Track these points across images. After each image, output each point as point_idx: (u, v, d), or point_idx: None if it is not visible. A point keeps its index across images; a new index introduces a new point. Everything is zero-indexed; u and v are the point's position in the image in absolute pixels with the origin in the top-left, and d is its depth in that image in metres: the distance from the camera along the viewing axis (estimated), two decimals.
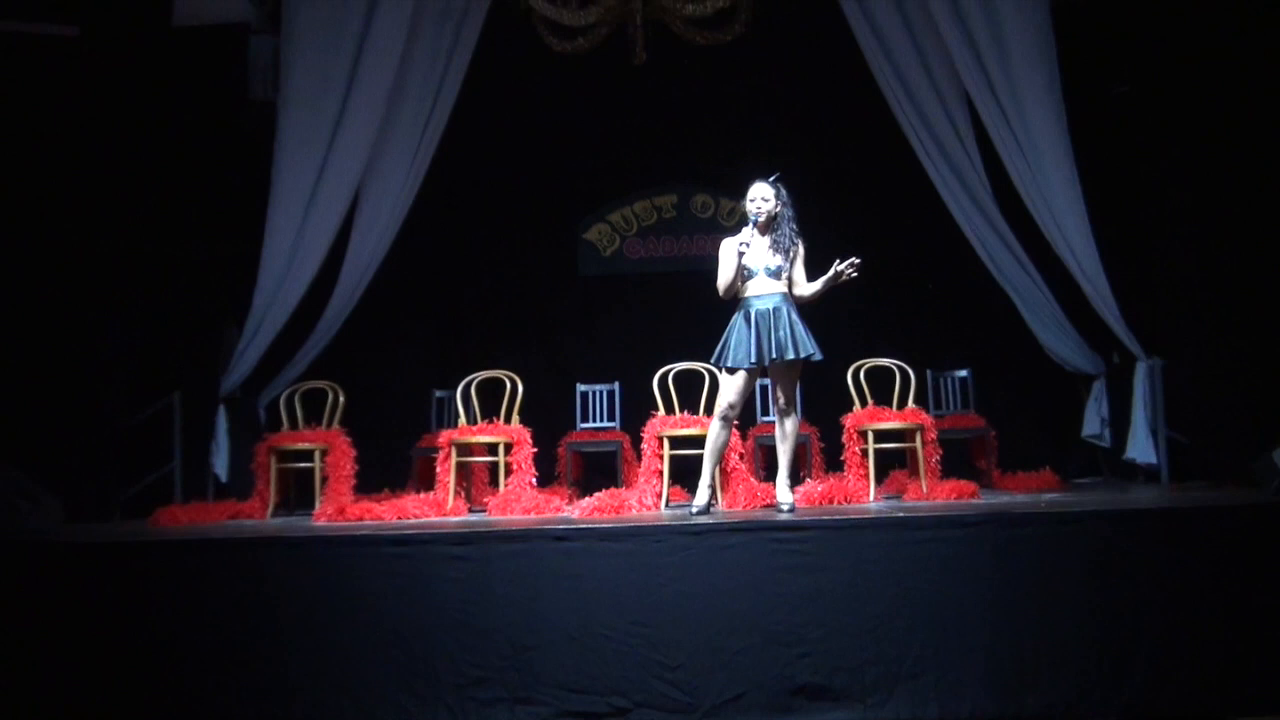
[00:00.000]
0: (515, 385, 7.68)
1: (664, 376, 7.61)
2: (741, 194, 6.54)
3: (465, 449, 7.58)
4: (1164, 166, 8.28)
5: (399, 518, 6.94)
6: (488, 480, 7.96)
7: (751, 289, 6.39)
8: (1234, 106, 7.76)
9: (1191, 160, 8.03)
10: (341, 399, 7.87)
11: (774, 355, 6.23)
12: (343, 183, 8.33)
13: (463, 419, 7.64)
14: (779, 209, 6.40)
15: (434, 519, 6.99)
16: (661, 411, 7.46)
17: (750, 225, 6.35)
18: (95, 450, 7.91)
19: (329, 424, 7.78)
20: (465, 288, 9.82)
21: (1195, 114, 7.98)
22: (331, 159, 8.25)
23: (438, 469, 7.49)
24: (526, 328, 9.68)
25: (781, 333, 6.24)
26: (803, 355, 6.25)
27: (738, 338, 6.32)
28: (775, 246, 6.37)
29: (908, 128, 8.64)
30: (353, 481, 7.52)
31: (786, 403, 6.46)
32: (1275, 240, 7.56)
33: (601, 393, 8.57)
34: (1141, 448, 8.06)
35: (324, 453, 7.54)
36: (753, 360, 6.26)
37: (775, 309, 6.29)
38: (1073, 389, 8.82)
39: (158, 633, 5.50)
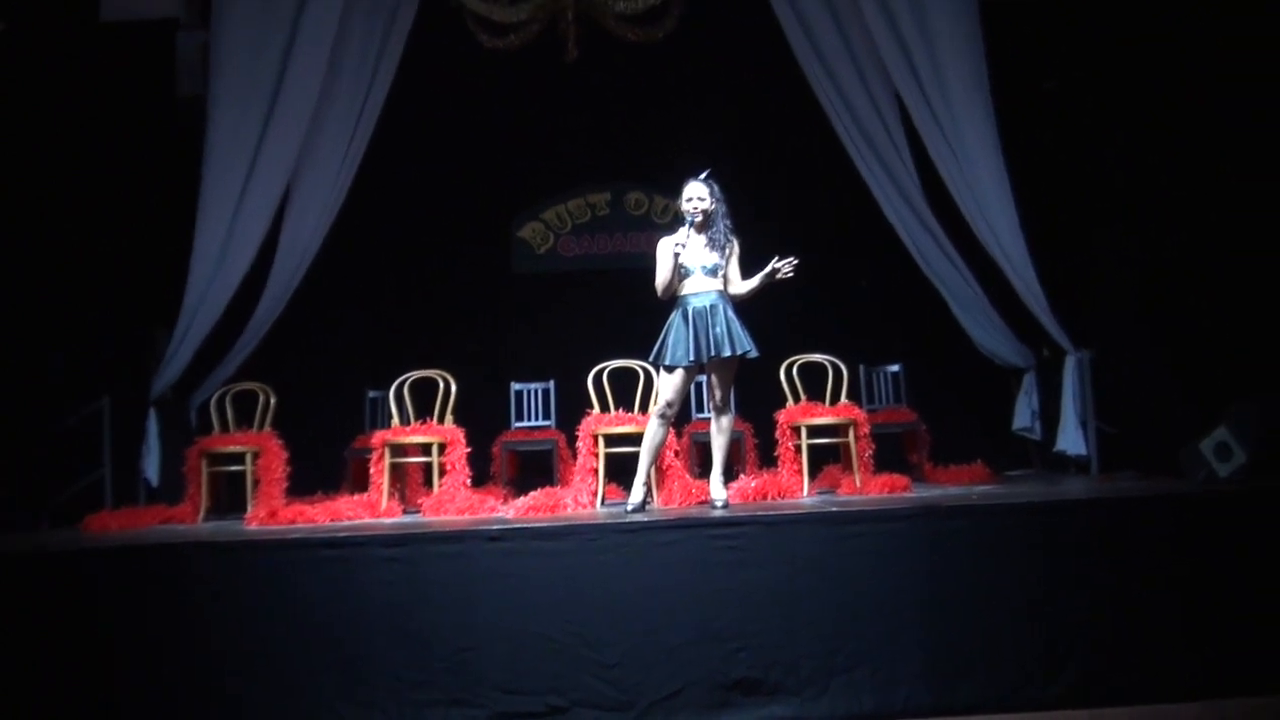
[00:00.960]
0: (449, 385, 7.65)
1: (599, 375, 7.60)
2: (676, 191, 6.57)
3: (399, 450, 7.53)
4: (1091, 161, 8.38)
5: (332, 520, 6.89)
6: (422, 481, 7.92)
7: (689, 287, 6.42)
8: (1161, 100, 7.85)
9: (1118, 154, 8.12)
10: (273, 400, 7.80)
11: (712, 352, 6.26)
12: (273, 180, 8.24)
13: (396, 419, 7.61)
14: (714, 206, 6.43)
15: (368, 521, 6.94)
16: (597, 410, 7.45)
17: (687, 225, 6.37)
18: (22, 456, 7.75)
19: (261, 426, 7.69)
20: (398, 286, 9.75)
21: (1122, 108, 8.08)
22: (262, 156, 8.15)
23: (371, 470, 7.44)
24: (460, 326, 9.63)
25: (719, 330, 6.28)
26: (739, 352, 6.30)
27: (676, 335, 6.34)
28: (711, 244, 6.42)
29: (839, 125, 8.68)
30: (285, 484, 7.44)
31: (722, 400, 6.50)
32: (1200, 233, 7.67)
33: (536, 391, 8.55)
34: (1071, 440, 8.14)
35: (256, 455, 7.46)
36: (691, 358, 6.29)
37: (712, 306, 6.33)
38: (1003, 383, 8.91)
39: (90, 642, 5.42)
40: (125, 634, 5.42)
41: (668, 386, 6.40)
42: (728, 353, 6.26)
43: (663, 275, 6.40)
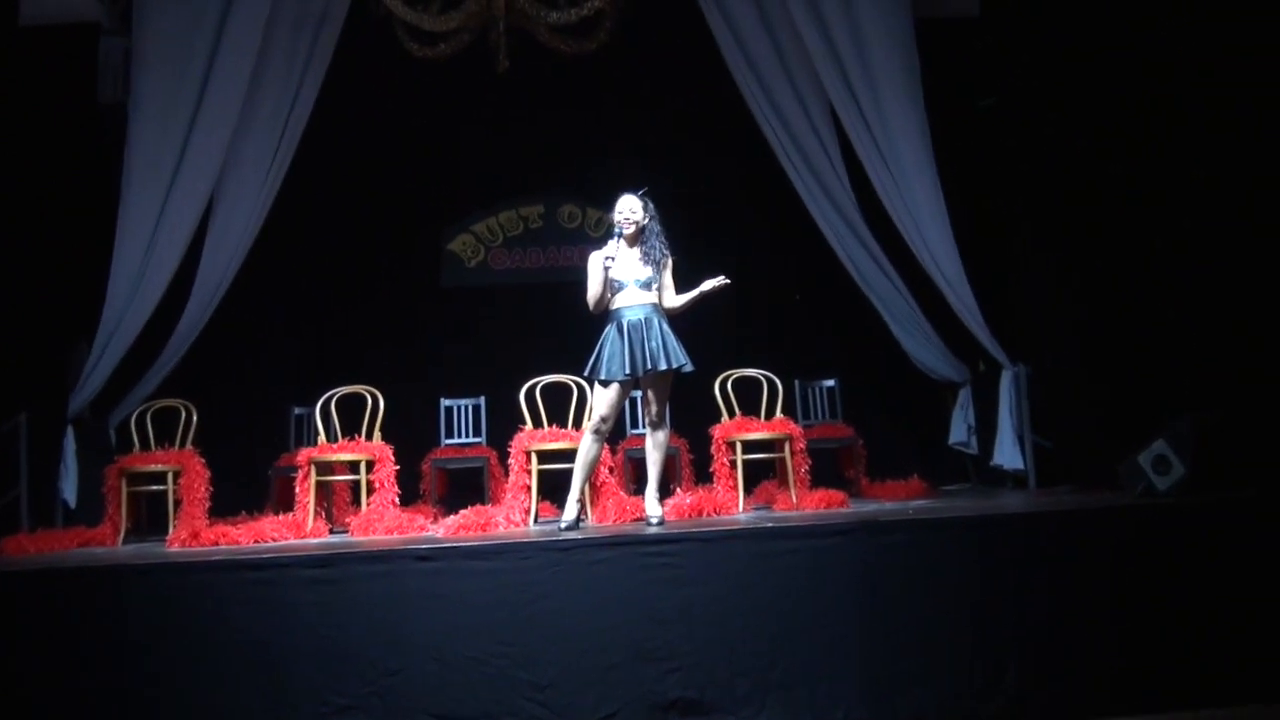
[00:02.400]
0: (376, 401, 7.60)
1: (532, 390, 7.57)
2: (609, 204, 6.62)
3: (325, 468, 7.46)
4: (1026, 177, 8.49)
5: (256, 541, 6.81)
6: (349, 500, 7.88)
7: (622, 300, 6.44)
8: (1097, 116, 7.95)
9: (1053, 171, 8.22)
10: (195, 418, 7.70)
11: (647, 366, 6.28)
12: (196, 190, 8.11)
13: (322, 436, 7.54)
14: (647, 221, 6.48)
15: (293, 541, 6.87)
16: (529, 426, 7.41)
17: (616, 238, 6.40)
18: None
19: (182, 444, 7.60)
20: (324, 300, 9.64)
21: (1058, 125, 8.17)
22: (185, 165, 8.03)
23: (297, 489, 7.37)
24: (388, 341, 9.58)
25: (654, 343, 6.30)
26: (674, 366, 6.33)
27: (611, 349, 6.35)
28: (645, 258, 6.46)
29: (773, 138, 8.70)
30: (207, 504, 7.35)
31: (658, 415, 6.51)
32: (1136, 247, 7.77)
33: (467, 407, 8.52)
34: (1008, 454, 8.20)
35: (177, 475, 7.35)
36: (627, 372, 6.30)
37: (646, 319, 6.36)
38: (939, 397, 8.97)
39: (6, 669, 5.29)
40: (44, 660, 5.30)
41: (602, 401, 6.39)
42: (663, 366, 6.27)
43: (594, 289, 6.41)
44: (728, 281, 6.29)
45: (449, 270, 10.14)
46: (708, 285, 6.32)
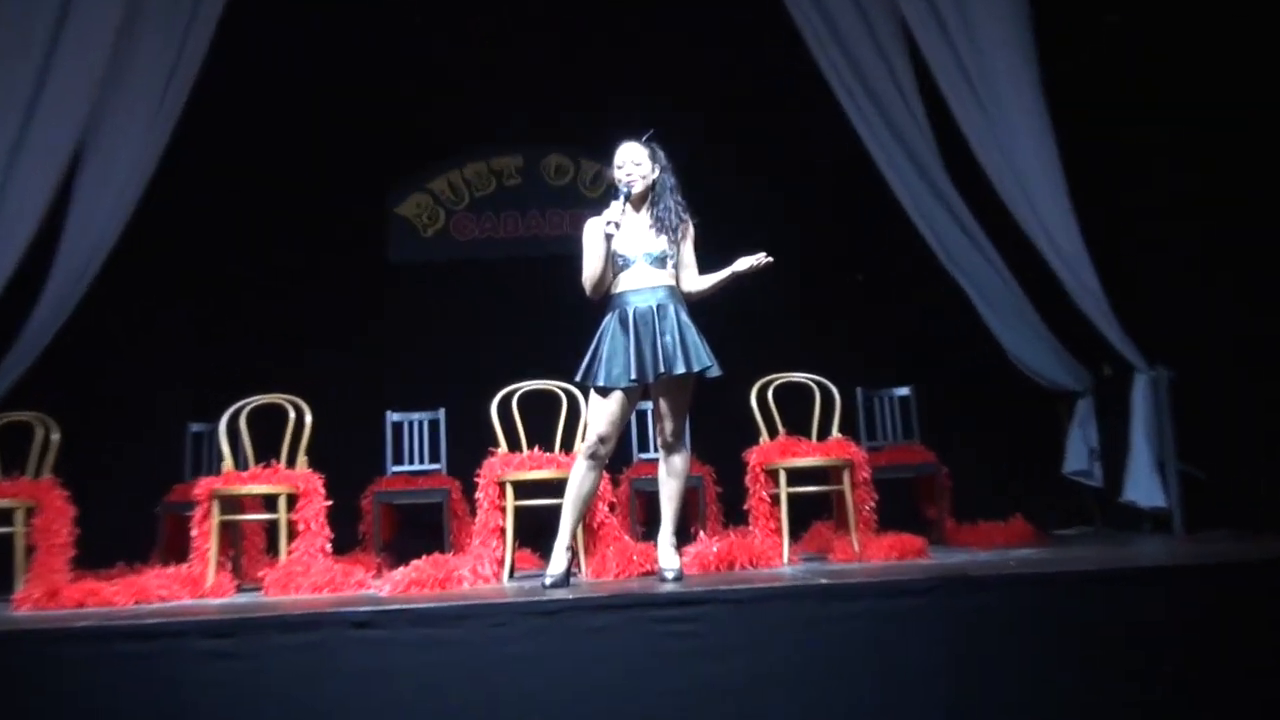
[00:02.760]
0: (301, 414, 7.60)
1: (507, 401, 7.57)
2: (608, 154, 6.57)
3: (232, 503, 7.45)
4: (1165, 124, 8.40)
5: (138, 602, 6.74)
6: (264, 547, 7.95)
7: (628, 282, 6.40)
8: (1260, 47, 7.87)
9: (1202, 113, 8.13)
10: (55, 437, 7.73)
11: (660, 370, 6.23)
12: (53, 148, 8.18)
13: (229, 462, 7.51)
14: (657, 176, 6.45)
15: (188, 602, 6.81)
16: (504, 448, 7.43)
17: (620, 198, 6.35)
18: None
19: (38, 472, 7.64)
20: (233, 284, 9.70)
21: (1208, 52, 8.10)
22: (37, 117, 8.10)
23: (193, 532, 7.29)
24: (318, 337, 9.65)
25: (669, 339, 6.25)
26: (696, 369, 6.25)
27: (611, 347, 6.30)
28: (657, 226, 6.42)
29: (828, 67, 8.73)
30: (71, 551, 7.38)
31: (674, 434, 6.46)
32: None
33: (422, 423, 8.64)
34: (1144, 487, 8.20)
35: (30, 512, 7.36)
36: (633, 377, 6.24)
37: (660, 308, 6.32)
38: (1050, 412, 9.01)
39: None
40: None
41: (600, 415, 6.34)
42: (681, 370, 6.21)
43: (591, 266, 6.37)
44: (769, 259, 6.24)
45: (398, 242, 10.22)
46: (743, 264, 6.29)
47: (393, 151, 10.15)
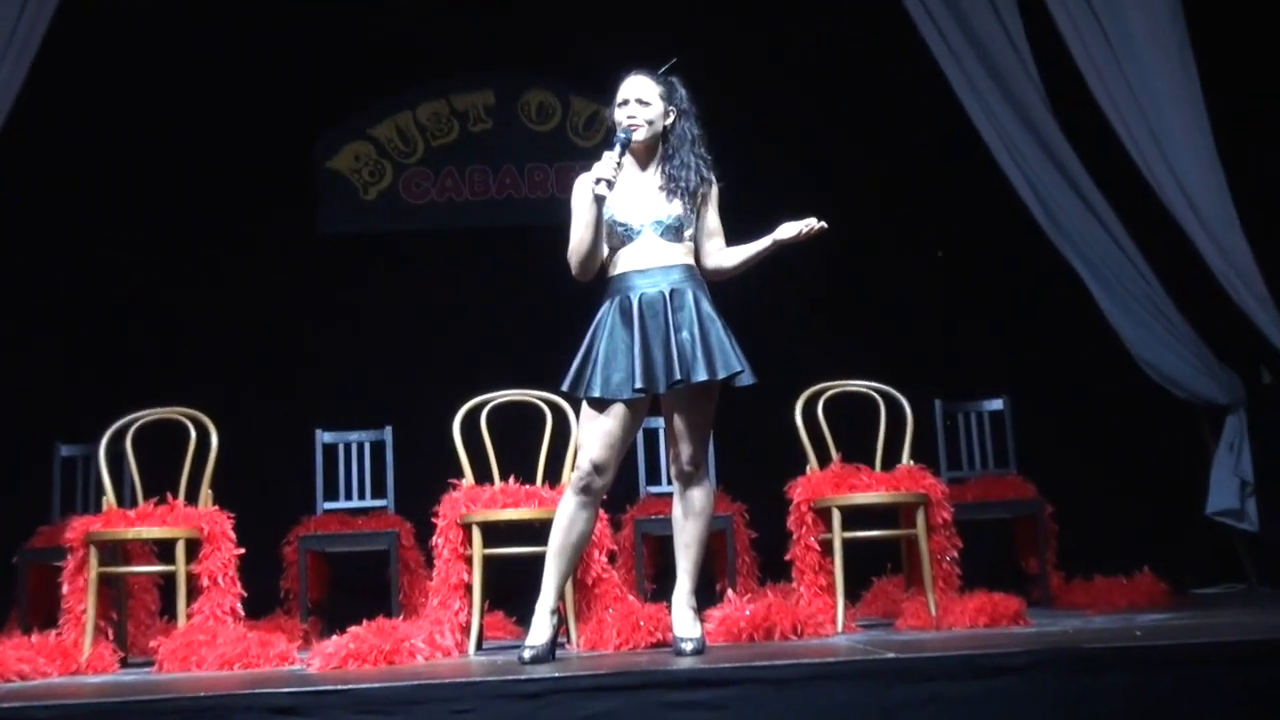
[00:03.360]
0: (205, 435, 7.57)
1: (474, 416, 7.53)
2: (607, 90, 6.38)
3: (115, 551, 7.41)
4: None
5: None
6: (157, 608, 7.99)
7: (631, 260, 6.24)
8: None
9: None
10: None
11: (675, 377, 6.07)
12: None
13: (110, 497, 7.48)
14: (673, 120, 6.30)
15: (58, 680, 6.65)
16: (469, 479, 7.42)
17: (615, 147, 6.23)
18: None
19: None
20: (112, 266, 9.65)
21: None
22: None
23: (64, 589, 7.27)
24: (225, 332, 9.63)
25: (686, 335, 6.11)
26: (723, 375, 6.10)
27: (610, 346, 6.15)
28: (671, 185, 6.24)
29: None
30: None
31: (693, 461, 6.28)
32: None
33: (362, 446, 8.72)
34: None
35: None
36: (638, 386, 6.09)
37: (674, 293, 6.16)
38: (1191, 432, 8.98)
39: None
40: None
41: (595, 437, 6.15)
42: (703, 377, 6.03)
43: (578, 237, 6.25)
44: (822, 225, 6.07)
45: (331, 207, 10.26)
46: (787, 230, 6.12)
47: (322, 85, 10.12)
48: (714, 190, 6.33)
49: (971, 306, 9.64)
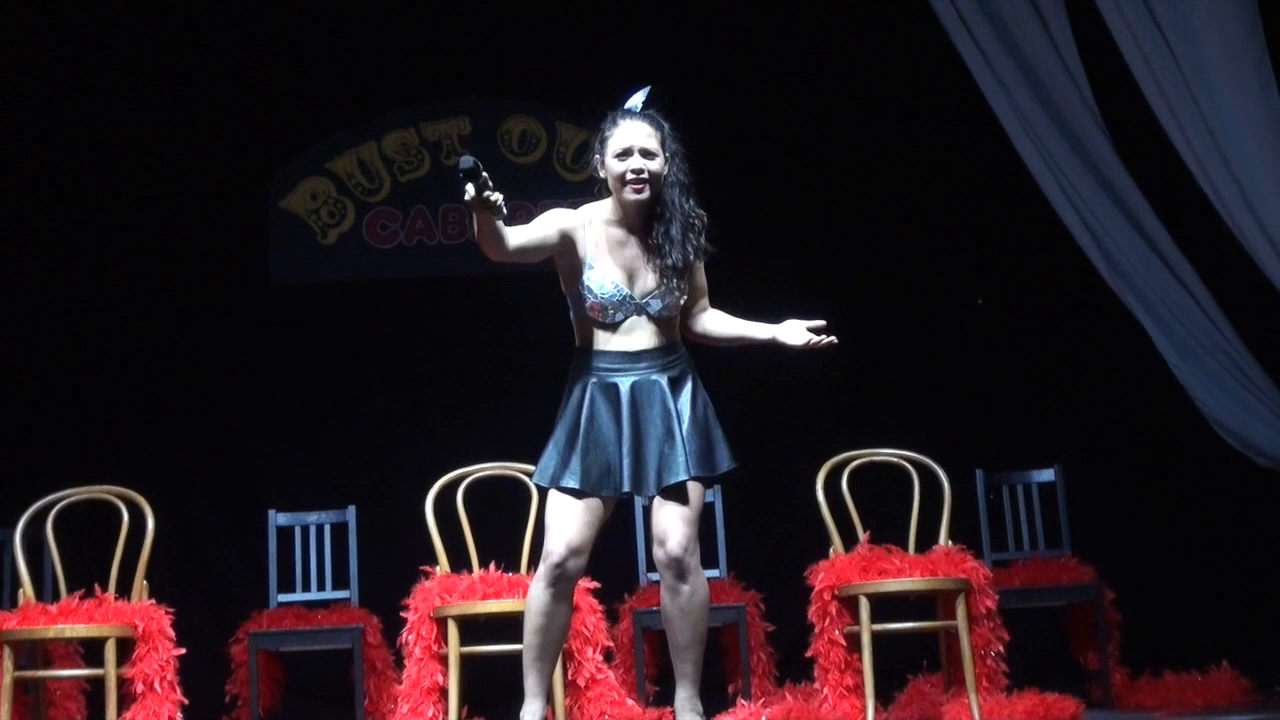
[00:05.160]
0: (140, 517, 7.44)
1: (449, 493, 7.51)
2: (597, 118, 5.91)
3: (33, 652, 7.38)
4: None
5: None
6: (83, 718, 7.76)
7: (617, 339, 5.85)
8: None
9: None
10: None
11: (671, 480, 5.73)
12: None
13: (27, 589, 7.36)
14: (665, 169, 5.81)
15: None
16: (444, 566, 7.37)
17: (468, 186, 5.49)
18: None
19: None
20: (31, 319, 9.58)
21: None
22: None
23: None
24: (162, 399, 9.55)
25: (686, 429, 5.78)
26: (725, 470, 5.87)
27: (590, 434, 5.79)
28: (664, 248, 5.79)
29: None
30: None
31: (684, 544, 5.84)
32: None
33: (322, 528, 8.57)
34: None
35: None
36: (622, 486, 5.78)
37: (674, 381, 5.84)
38: (1272, 504, 8.68)
39: None
40: None
41: (568, 516, 5.77)
42: (681, 476, 5.74)
43: (515, 239, 5.68)
44: (832, 340, 5.79)
45: (284, 252, 10.07)
46: (791, 335, 5.87)
47: (275, 113, 9.88)
48: (704, 253, 5.93)
49: (1017, 362, 9.45)
